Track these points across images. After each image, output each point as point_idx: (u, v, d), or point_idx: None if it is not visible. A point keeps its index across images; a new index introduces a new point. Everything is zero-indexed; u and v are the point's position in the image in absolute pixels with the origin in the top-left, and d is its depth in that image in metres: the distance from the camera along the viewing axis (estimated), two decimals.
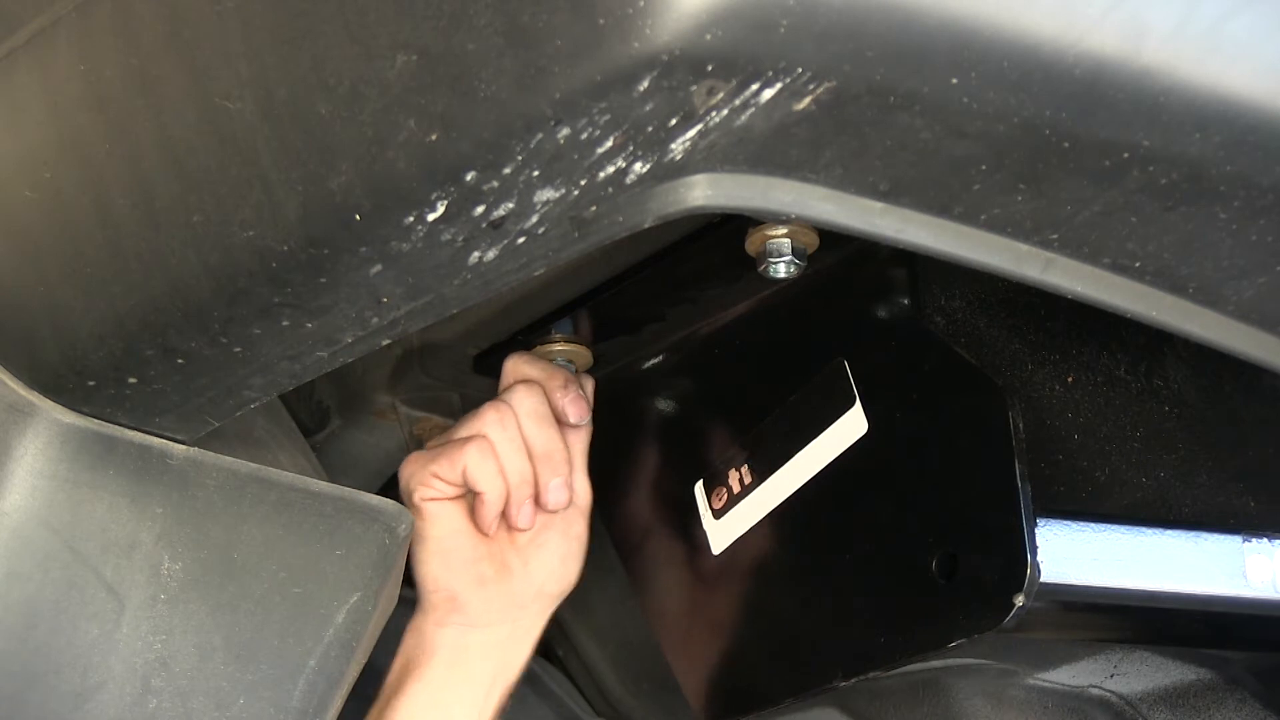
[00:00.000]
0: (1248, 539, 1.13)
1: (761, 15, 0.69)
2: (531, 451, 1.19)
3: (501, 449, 1.18)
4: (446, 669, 1.20)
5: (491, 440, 1.17)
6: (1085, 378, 1.18)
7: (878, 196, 0.79)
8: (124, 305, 0.88)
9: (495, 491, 1.18)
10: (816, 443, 1.13)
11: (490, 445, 1.17)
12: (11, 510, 0.93)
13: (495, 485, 1.18)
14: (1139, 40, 0.73)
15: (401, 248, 0.80)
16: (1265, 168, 0.78)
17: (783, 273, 1.04)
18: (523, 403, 1.19)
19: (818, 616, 1.13)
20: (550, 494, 1.20)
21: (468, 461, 1.17)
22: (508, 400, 1.19)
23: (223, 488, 0.98)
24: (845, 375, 1.12)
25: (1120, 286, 0.85)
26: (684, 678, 1.25)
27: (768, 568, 1.18)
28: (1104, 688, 1.35)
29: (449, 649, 1.21)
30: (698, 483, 1.23)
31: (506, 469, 1.18)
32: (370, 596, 1.02)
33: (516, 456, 1.18)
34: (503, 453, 1.18)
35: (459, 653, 1.21)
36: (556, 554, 1.23)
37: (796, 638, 1.15)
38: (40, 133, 0.90)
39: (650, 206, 0.78)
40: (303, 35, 0.77)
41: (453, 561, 1.20)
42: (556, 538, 1.23)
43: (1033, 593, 0.97)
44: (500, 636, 1.22)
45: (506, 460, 1.18)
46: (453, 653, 1.21)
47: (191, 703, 0.97)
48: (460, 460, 1.17)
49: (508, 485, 1.18)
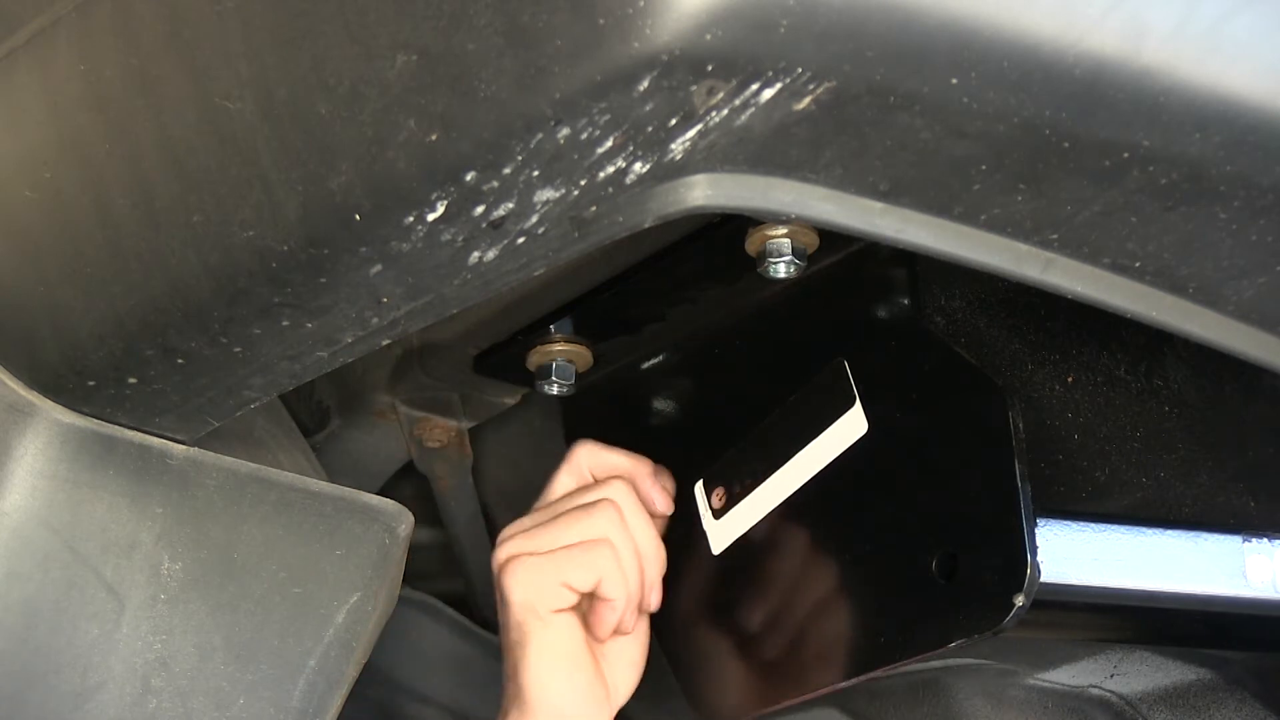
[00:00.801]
0: (1248, 539, 1.13)
1: (761, 15, 0.69)
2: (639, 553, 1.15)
3: (623, 553, 1.13)
4: None
5: (615, 545, 1.13)
6: (1085, 378, 1.18)
7: (878, 196, 0.79)
8: (124, 305, 0.88)
9: (624, 600, 1.14)
10: (816, 443, 1.13)
11: (615, 550, 1.13)
12: (11, 510, 0.93)
13: (623, 594, 1.14)
14: (1139, 40, 0.73)
15: (401, 248, 0.80)
16: (1265, 168, 0.78)
17: (783, 273, 1.04)
18: (626, 499, 1.15)
19: (818, 616, 1.13)
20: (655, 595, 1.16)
21: (604, 570, 1.12)
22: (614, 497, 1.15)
23: (223, 488, 0.98)
24: (845, 375, 1.12)
25: (1120, 286, 0.85)
26: (684, 678, 1.25)
27: (767, 568, 1.17)
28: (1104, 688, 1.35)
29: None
30: (697, 483, 1.23)
31: (628, 574, 1.14)
32: (370, 596, 1.02)
33: (634, 559, 1.14)
34: (624, 557, 1.13)
35: None
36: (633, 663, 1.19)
37: (797, 638, 1.15)
38: (40, 133, 0.90)
39: (650, 206, 0.78)
40: (303, 35, 0.77)
41: (581, 679, 1.15)
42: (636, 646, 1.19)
43: (1033, 593, 0.97)
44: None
45: (627, 564, 1.13)
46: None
47: (191, 703, 0.97)
48: (596, 569, 1.12)
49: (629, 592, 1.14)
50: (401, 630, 1.50)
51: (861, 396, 1.10)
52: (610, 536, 1.13)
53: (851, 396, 1.11)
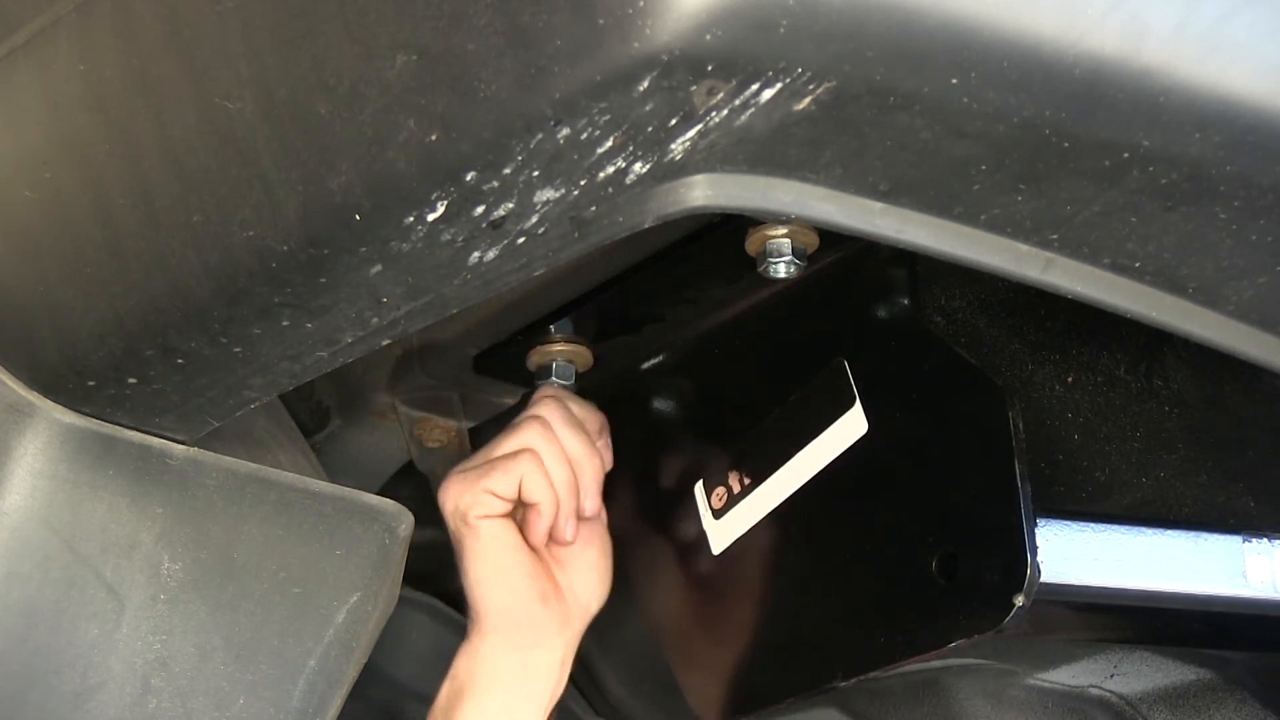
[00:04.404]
0: (1248, 539, 1.13)
1: (761, 15, 0.69)
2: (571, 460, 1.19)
3: (549, 460, 1.17)
4: (508, 691, 1.18)
5: (539, 452, 1.17)
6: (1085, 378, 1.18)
7: (878, 196, 0.79)
8: (124, 305, 0.88)
9: (549, 503, 1.18)
10: (816, 443, 1.13)
11: (538, 458, 1.17)
12: (11, 510, 0.93)
13: (548, 497, 1.18)
14: (1139, 40, 0.73)
15: (401, 248, 0.80)
16: (1265, 168, 0.78)
17: (783, 273, 1.04)
18: (555, 414, 1.19)
19: (818, 616, 1.13)
20: (589, 501, 1.20)
21: (524, 474, 1.16)
22: (540, 413, 1.19)
23: (223, 488, 0.98)
24: (845, 375, 1.12)
25: (1120, 286, 0.85)
26: (684, 678, 1.25)
27: (767, 568, 1.17)
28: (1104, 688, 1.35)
29: (511, 671, 1.19)
30: (697, 483, 1.23)
31: (555, 480, 1.18)
32: (370, 596, 1.02)
33: (562, 467, 1.18)
34: (550, 464, 1.17)
35: (521, 674, 1.19)
36: (593, 568, 1.23)
37: (796, 638, 1.15)
38: (40, 133, 0.90)
39: (650, 206, 0.78)
40: (303, 35, 0.77)
41: (515, 581, 1.18)
42: (591, 551, 1.23)
43: (1033, 593, 0.97)
44: (559, 655, 1.20)
45: (554, 471, 1.18)
46: (515, 675, 1.19)
47: (191, 703, 0.97)
48: (516, 473, 1.16)
49: (557, 496, 1.18)
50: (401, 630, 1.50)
51: (861, 396, 1.10)
52: (533, 445, 1.17)
53: (851, 396, 1.11)
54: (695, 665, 1.24)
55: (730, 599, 1.20)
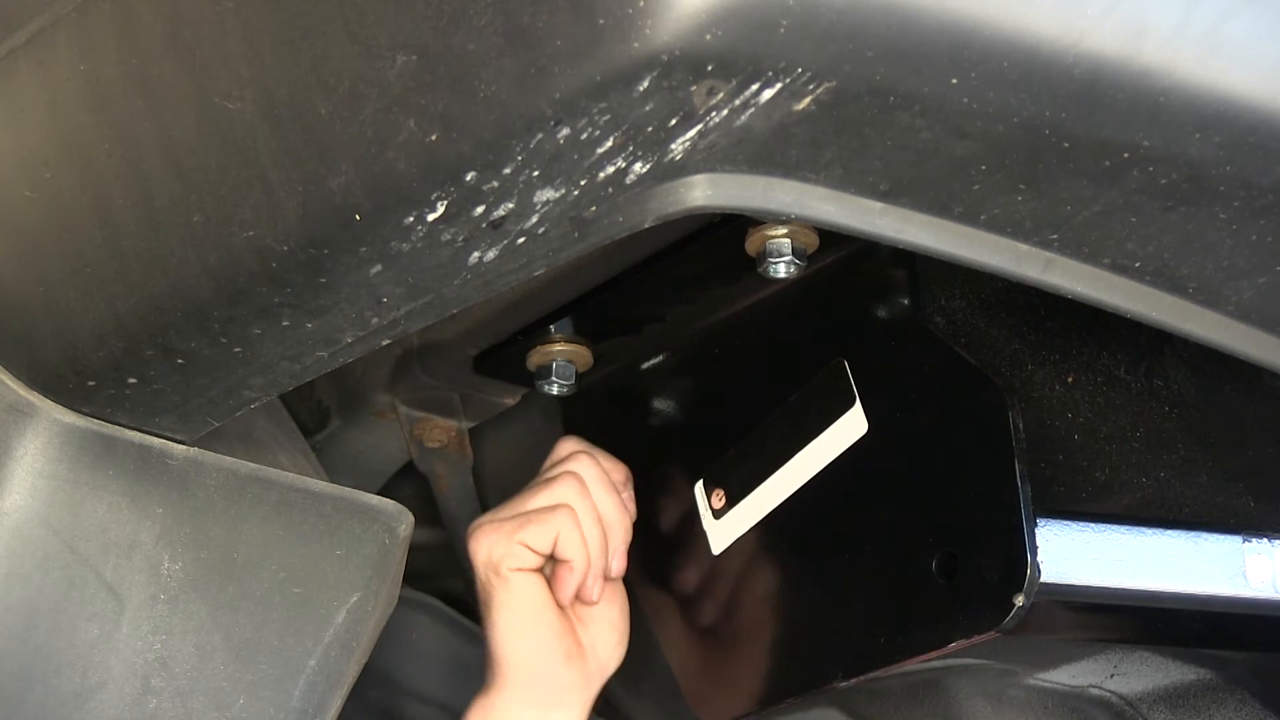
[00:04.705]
0: (1248, 539, 1.13)
1: (761, 15, 0.69)
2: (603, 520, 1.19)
3: (584, 518, 1.18)
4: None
5: (575, 509, 1.17)
6: (1085, 378, 1.18)
7: (878, 196, 0.79)
8: (124, 305, 0.88)
9: (581, 561, 1.18)
10: (816, 443, 1.13)
11: (574, 514, 1.17)
12: (11, 510, 0.93)
13: (581, 555, 1.18)
14: (1139, 40, 0.73)
15: (401, 248, 0.80)
16: (1265, 168, 0.78)
17: (783, 273, 1.04)
18: (589, 471, 1.19)
19: (818, 616, 1.13)
20: (616, 562, 1.20)
21: (561, 530, 1.16)
22: (576, 469, 1.19)
23: (223, 488, 0.98)
24: (845, 375, 1.12)
25: (1120, 286, 0.85)
26: (684, 678, 1.25)
27: (767, 568, 1.17)
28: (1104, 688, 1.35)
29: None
30: (698, 483, 1.23)
31: (588, 538, 1.18)
32: (370, 596, 1.02)
33: (595, 526, 1.18)
34: (584, 522, 1.18)
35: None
36: (614, 627, 1.23)
37: (796, 638, 1.15)
38: (40, 133, 0.90)
39: (650, 206, 0.78)
40: (303, 35, 0.77)
41: (544, 636, 1.18)
42: (613, 610, 1.23)
43: (1033, 593, 0.97)
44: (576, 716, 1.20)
45: (588, 530, 1.18)
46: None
47: (191, 703, 0.97)
48: (552, 528, 1.16)
49: (589, 555, 1.18)
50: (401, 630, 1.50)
51: (861, 396, 1.10)
52: (569, 502, 1.17)
53: (851, 396, 1.11)
54: (695, 665, 1.24)
55: (730, 599, 1.20)
